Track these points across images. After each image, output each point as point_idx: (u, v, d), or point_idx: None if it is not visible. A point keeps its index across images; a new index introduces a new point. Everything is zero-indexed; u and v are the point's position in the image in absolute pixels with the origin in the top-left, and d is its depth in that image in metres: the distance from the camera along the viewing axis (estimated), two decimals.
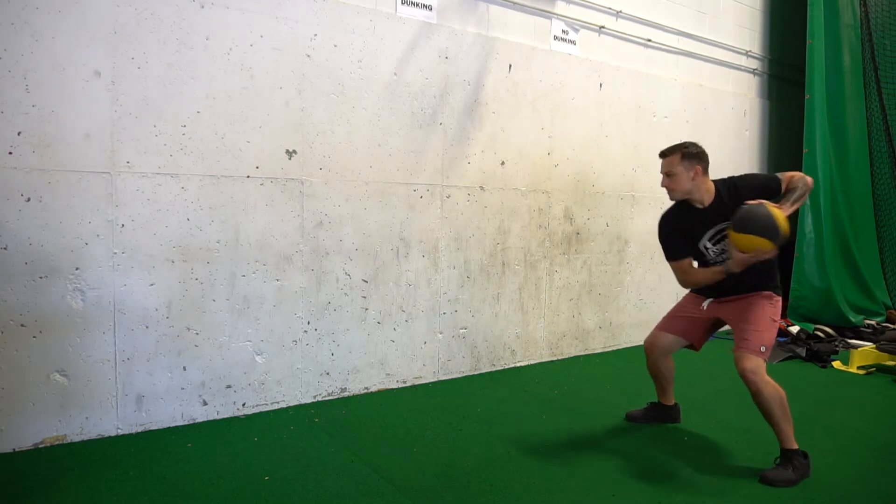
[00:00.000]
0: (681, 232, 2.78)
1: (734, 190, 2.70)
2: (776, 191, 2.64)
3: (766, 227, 2.41)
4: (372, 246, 3.43)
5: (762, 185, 2.68)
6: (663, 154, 2.78)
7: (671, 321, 3.02)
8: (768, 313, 2.69)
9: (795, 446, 2.55)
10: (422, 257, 3.63)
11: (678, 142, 2.81)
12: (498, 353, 4.03)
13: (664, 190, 2.81)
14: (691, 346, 3.02)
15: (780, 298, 2.76)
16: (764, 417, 2.58)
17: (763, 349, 2.62)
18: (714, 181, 2.75)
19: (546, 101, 4.13)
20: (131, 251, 2.74)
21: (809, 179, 2.65)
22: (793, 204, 2.57)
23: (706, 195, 2.73)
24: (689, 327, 2.96)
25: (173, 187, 2.83)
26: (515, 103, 3.97)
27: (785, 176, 2.66)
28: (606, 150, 4.49)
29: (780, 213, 2.44)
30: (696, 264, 2.82)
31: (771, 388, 2.55)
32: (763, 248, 2.44)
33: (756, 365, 2.57)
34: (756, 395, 2.56)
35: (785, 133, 5.93)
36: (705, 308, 2.90)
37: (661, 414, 3.14)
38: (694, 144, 2.75)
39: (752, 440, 2.86)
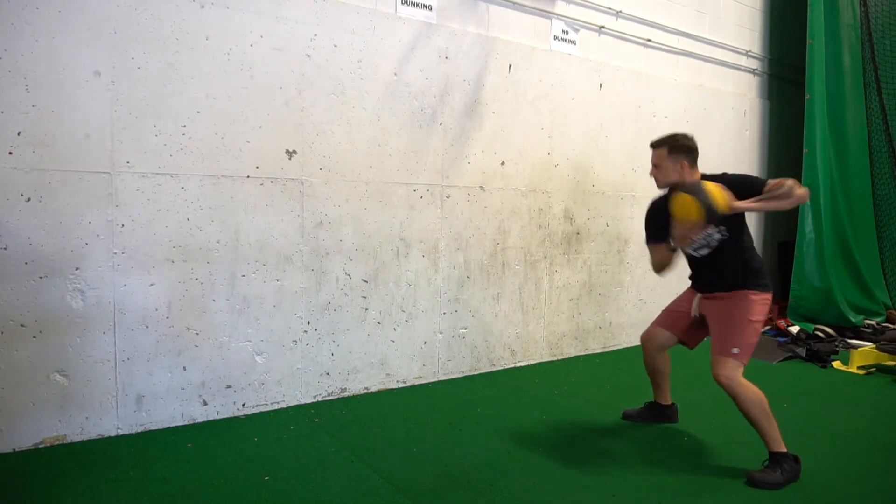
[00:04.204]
0: (661, 219, 2.72)
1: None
2: (755, 187, 2.51)
3: (697, 191, 2.43)
4: (372, 246, 3.43)
5: (741, 180, 2.58)
6: (653, 145, 2.81)
7: (664, 315, 3.05)
8: (743, 313, 2.63)
9: (783, 449, 2.53)
10: (422, 257, 3.63)
11: (669, 133, 2.82)
12: (498, 353, 4.03)
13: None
14: (685, 344, 3.01)
15: (765, 295, 2.66)
16: (748, 421, 2.58)
17: (735, 351, 2.58)
18: (704, 176, 2.73)
19: (546, 101, 4.12)
20: (131, 251, 2.74)
21: (801, 191, 2.43)
22: (765, 201, 2.46)
23: None
24: (677, 322, 2.98)
25: (173, 187, 2.82)
26: (515, 103, 3.97)
27: (774, 181, 2.48)
28: (606, 149, 4.49)
29: (716, 189, 2.42)
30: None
31: (748, 391, 2.54)
32: (691, 211, 2.42)
33: (728, 369, 2.56)
34: (734, 400, 2.57)
35: (785, 133, 5.93)
36: (695, 304, 2.89)
37: (659, 414, 3.14)
38: (685, 136, 2.76)
39: (751, 441, 2.84)
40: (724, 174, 2.71)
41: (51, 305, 2.59)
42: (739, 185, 2.53)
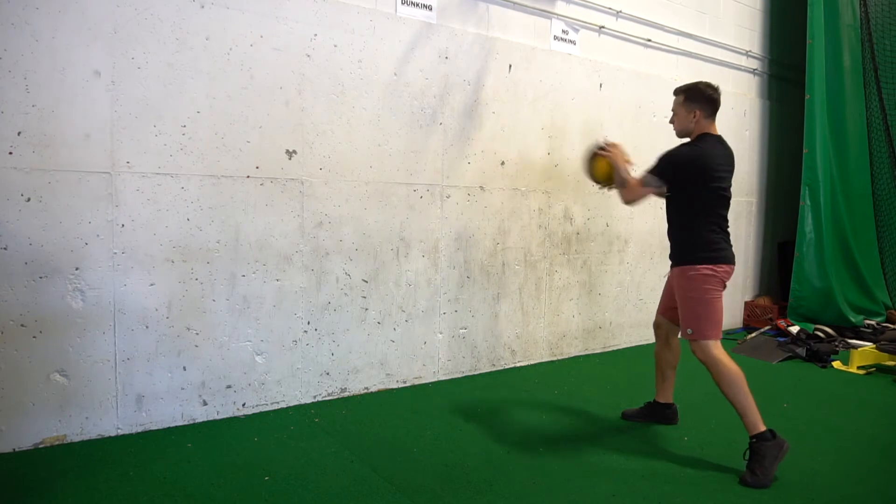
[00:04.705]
0: (683, 170, 2.75)
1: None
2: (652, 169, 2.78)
3: (586, 157, 3.03)
4: (372, 246, 3.43)
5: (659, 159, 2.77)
6: (675, 91, 2.83)
7: (661, 298, 3.12)
8: (685, 293, 2.72)
9: (761, 429, 2.54)
10: (422, 257, 3.63)
11: (695, 80, 2.84)
12: (498, 353, 4.03)
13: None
14: (675, 322, 2.98)
15: (708, 267, 2.66)
16: (725, 398, 2.65)
17: (690, 332, 2.68)
18: (710, 135, 2.73)
19: (546, 101, 4.12)
20: (131, 251, 2.74)
21: (632, 195, 2.82)
22: (621, 175, 2.85)
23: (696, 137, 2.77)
24: (664, 302, 3.06)
25: (173, 187, 2.82)
26: (515, 103, 3.97)
27: (645, 177, 2.79)
28: None
29: (603, 161, 2.89)
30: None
31: (722, 367, 2.60)
32: (590, 171, 3.00)
33: (697, 348, 2.66)
34: (711, 374, 2.65)
35: (785, 133, 5.93)
36: (668, 277, 2.97)
37: (658, 414, 3.14)
38: (707, 86, 2.75)
39: None
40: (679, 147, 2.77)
41: (51, 305, 2.59)
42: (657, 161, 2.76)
